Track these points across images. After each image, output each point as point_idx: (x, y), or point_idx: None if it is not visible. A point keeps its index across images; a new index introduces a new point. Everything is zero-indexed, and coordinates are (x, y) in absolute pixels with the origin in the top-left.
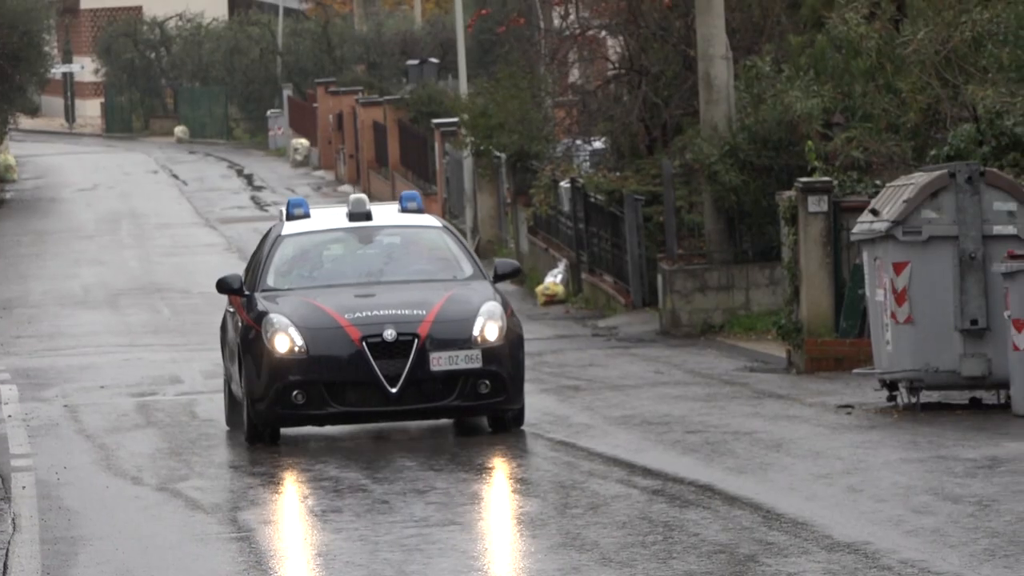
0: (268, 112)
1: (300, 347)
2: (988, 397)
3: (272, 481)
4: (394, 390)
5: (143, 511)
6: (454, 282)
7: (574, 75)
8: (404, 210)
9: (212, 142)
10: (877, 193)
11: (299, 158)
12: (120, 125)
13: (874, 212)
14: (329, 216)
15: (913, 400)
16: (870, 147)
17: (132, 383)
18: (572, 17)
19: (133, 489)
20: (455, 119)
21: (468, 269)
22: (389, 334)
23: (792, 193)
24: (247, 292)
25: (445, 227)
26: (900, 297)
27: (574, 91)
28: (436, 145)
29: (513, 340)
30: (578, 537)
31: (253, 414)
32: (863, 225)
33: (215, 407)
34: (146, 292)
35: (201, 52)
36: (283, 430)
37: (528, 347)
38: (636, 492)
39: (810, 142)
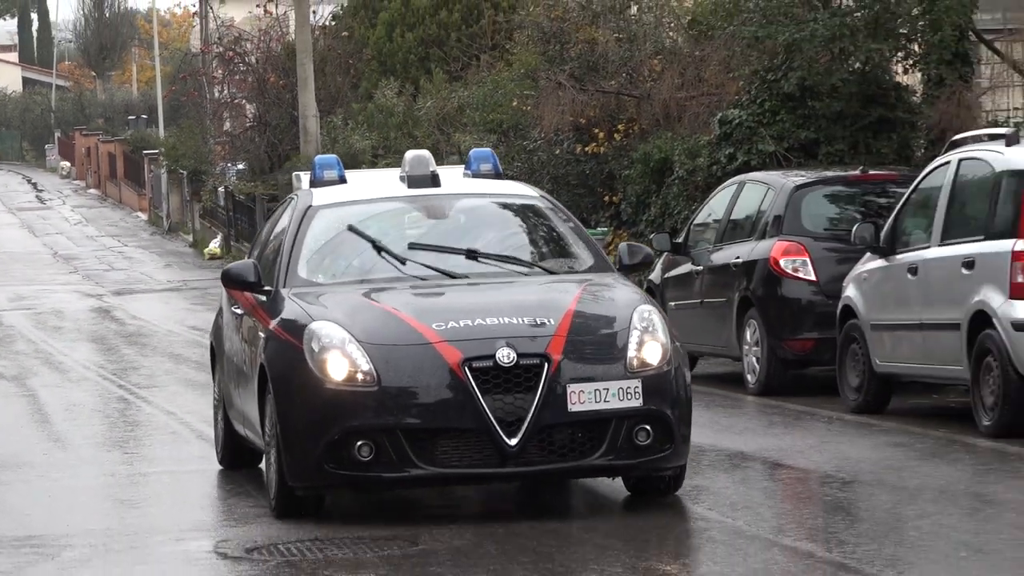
0: (46, 146)
1: (367, 374)
2: None
3: (50, 362)
4: (513, 442)
5: None
6: (574, 275)
7: (227, 125)
8: (476, 174)
9: (12, 164)
10: None
11: (64, 173)
12: None
13: None
14: (375, 181)
15: None
16: None
17: None
18: (225, 91)
19: None
20: (157, 151)
21: (587, 257)
22: (505, 355)
23: None
24: (268, 288)
25: (543, 197)
26: None
27: (227, 135)
28: (146, 165)
29: (679, 364)
30: None
31: (291, 473)
32: None
33: (14, 318)
34: None
35: (6, 109)
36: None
37: (200, 286)
38: None
39: (364, 166)
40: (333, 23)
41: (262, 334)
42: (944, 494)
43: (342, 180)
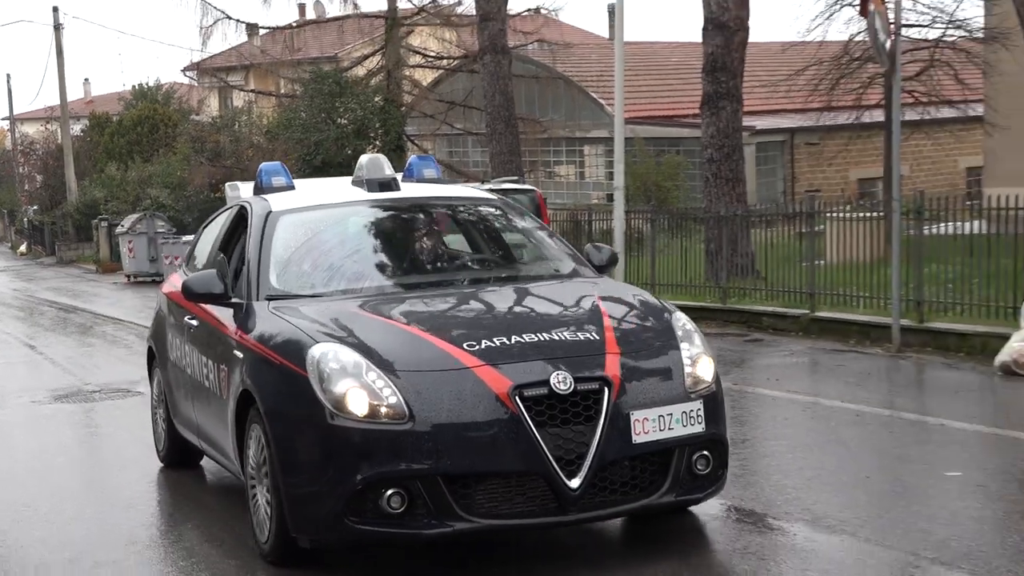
0: None
1: (394, 408)
2: None
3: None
4: (575, 484)
5: None
6: (570, 280)
7: (27, 187)
8: (420, 181)
9: None
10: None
11: None
12: None
13: (122, 226)
14: (328, 188)
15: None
16: (120, 210)
17: None
18: (25, 170)
19: None
20: None
21: (566, 258)
22: (561, 380)
23: (99, 219)
24: (236, 300)
25: (502, 199)
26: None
27: (27, 192)
28: None
29: (718, 379)
30: None
31: (297, 525)
32: (122, 227)
33: None
34: None
35: None
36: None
37: (14, 269)
38: None
39: (102, 207)
40: (82, 133)
41: (239, 353)
42: None
43: (291, 187)
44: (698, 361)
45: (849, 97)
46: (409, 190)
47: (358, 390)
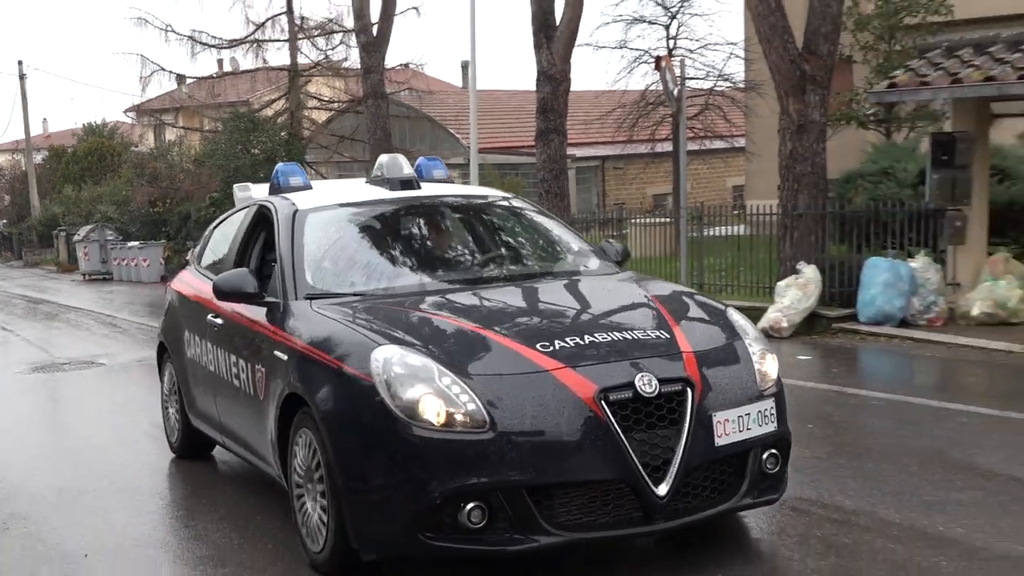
0: None
1: (472, 416)
2: None
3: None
4: (662, 491)
5: None
6: (609, 276)
7: None
8: (431, 181)
9: None
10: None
11: None
12: None
13: (78, 235)
14: (345, 188)
15: None
16: (76, 223)
17: None
18: None
19: None
20: None
21: (593, 256)
22: (647, 382)
23: (58, 230)
24: (271, 299)
25: (520, 197)
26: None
27: None
28: None
29: (779, 375)
30: None
31: (363, 539)
32: (78, 236)
33: None
34: None
35: None
36: None
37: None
38: None
39: (60, 220)
40: (43, 161)
41: (282, 355)
42: None
43: (308, 187)
44: (764, 358)
45: (646, 132)
46: (429, 189)
47: (432, 397)
